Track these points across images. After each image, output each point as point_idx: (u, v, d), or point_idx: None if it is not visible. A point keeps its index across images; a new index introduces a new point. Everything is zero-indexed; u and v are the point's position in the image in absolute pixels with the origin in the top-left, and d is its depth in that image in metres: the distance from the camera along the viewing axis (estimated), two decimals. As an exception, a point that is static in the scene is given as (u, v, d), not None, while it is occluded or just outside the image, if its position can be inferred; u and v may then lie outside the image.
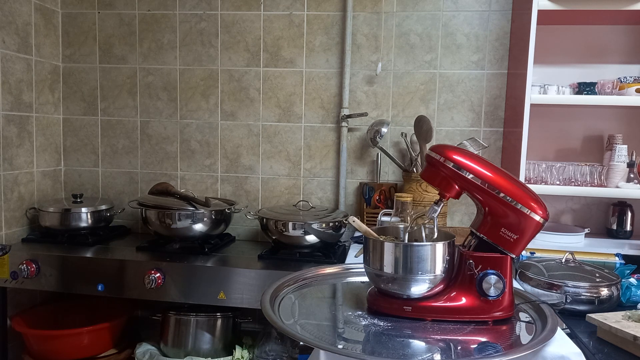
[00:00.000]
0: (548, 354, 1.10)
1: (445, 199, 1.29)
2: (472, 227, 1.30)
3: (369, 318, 1.25)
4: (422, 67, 2.32)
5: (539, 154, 2.22)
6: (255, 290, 1.89)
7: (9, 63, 2.18)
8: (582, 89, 2.00)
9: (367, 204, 2.29)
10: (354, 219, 1.37)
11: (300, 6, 2.36)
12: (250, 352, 2.08)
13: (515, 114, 2.08)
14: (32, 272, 2.01)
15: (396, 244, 1.25)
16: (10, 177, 2.22)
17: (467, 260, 1.24)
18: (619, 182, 1.98)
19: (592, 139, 2.23)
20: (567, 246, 1.87)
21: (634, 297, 1.50)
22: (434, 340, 1.15)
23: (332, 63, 2.36)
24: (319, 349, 1.07)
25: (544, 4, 1.89)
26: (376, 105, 2.36)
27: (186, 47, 2.44)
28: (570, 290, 1.43)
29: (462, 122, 2.31)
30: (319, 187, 2.42)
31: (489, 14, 2.25)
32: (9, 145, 2.20)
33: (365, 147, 2.37)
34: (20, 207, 2.29)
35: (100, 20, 2.49)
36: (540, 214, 1.21)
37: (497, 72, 2.27)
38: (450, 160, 1.24)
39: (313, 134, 2.41)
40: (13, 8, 2.20)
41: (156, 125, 2.49)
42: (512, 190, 1.22)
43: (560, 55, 2.20)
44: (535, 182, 2.03)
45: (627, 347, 1.21)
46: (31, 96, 2.33)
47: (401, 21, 2.31)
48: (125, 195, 2.53)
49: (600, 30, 2.18)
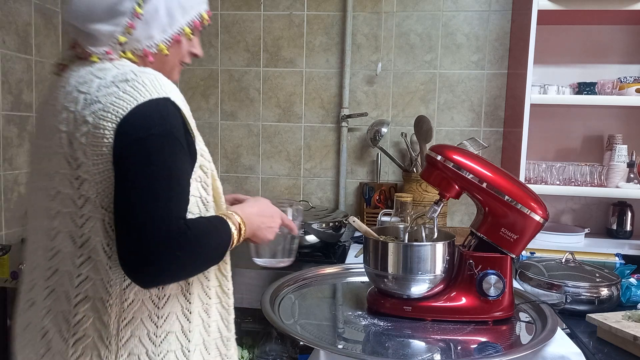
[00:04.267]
0: (548, 354, 1.10)
1: (445, 199, 1.29)
2: (472, 227, 1.30)
3: (369, 318, 1.25)
4: (422, 67, 2.32)
5: (539, 154, 2.22)
6: (255, 290, 1.89)
7: (9, 63, 2.18)
8: (582, 89, 2.00)
9: (367, 204, 2.29)
10: (354, 219, 1.37)
11: (300, 6, 2.36)
12: (250, 352, 2.08)
13: (515, 114, 2.08)
14: (32, 272, 2.01)
15: (396, 244, 1.25)
16: (10, 177, 2.22)
17: (467, 260, 1.24)
18: (619, 182, 1.98)
19: (592, 139, 2.23)
20: (567, 246, 1.87)
21: (634, 297, 1.50)
22: (434, 340, 1.15)
23: (332, 63, 2.36)
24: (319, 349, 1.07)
25: (544, 4, 1.89)
26: (376, 105, 2.36)
27: (186, 47, 2.43)
28: (570, 290, 1.43)
29: (462, 122, 2.31)
30: (319, 187, 2.42)
31: (489, 14, 2.25)
32: (9, 145, 2.20)
33: (365, 147, 2.38)
34: (20, 207, 2.29)
35: (100, 20, 2.48)
36: (540, 214, 1.21)
37: (497, 72, 2.27)
38: (450, 160, 1.24)
39: (313, 134, 2.41)
40: (13, 8, 2.20)
41: (156, 125, 2.49)
42: (512, 190, 1.22)
43: (560, 55, 2.20)
44: (535, 182, 2.03)
45: (627, 347, 1.21)
46: (31, 96, 2.33)
47: (401, 21, 2.31)
48: (125, 195, 2.53)
49: (600, 30, 2.18)
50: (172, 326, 0.90)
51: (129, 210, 0.80)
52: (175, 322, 0.91)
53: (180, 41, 0.96)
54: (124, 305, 0.86)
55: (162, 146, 0.81)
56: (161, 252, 0.79)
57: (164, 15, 0.91)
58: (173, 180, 0.83)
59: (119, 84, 0.83)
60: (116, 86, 0.83)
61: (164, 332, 0.89)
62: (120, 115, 0.81)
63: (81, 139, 0.83)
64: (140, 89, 0.83)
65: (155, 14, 0.90)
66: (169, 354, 0.89)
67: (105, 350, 0.86)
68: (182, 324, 0.92)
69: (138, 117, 0.81)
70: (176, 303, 0.91)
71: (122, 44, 0.90)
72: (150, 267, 0.79)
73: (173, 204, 0.82)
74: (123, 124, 0.81)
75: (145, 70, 0.87)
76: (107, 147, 0.82)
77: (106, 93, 0.83)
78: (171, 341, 0.90)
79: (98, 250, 0.85)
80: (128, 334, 0.87)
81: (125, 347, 0.87)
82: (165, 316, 0.89)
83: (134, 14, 0.88)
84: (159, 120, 0.82)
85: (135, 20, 0.89)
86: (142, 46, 0.92)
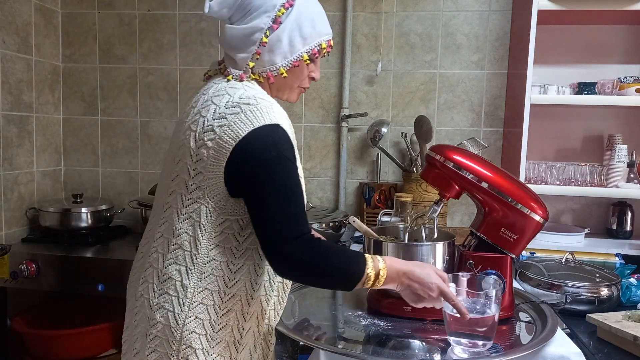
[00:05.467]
0: (548, 354, 1.10)
1: (445, 199, 1.29)
2: (472, 227, 1.31)
3: (369, 318, 1.25)
4: (422, 67, 2.32)
5: (539, 154, 2.22)
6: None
7: (9, 63, 2.18)
8: (582, 89, 2.00)
9: (367, 204, 2.29)
10: (354, 219, 1.37)
11: (300, 6, 2.35)
12: (250, 352, 2.08)
13: (515, 114, 2.08)
14: (32, 272, 2.01)
15: (396, 244, 1.25)
16: (10, 177, 2.22)
17: (467, 260, 1.24)
18: (619, 182, 1.98)
19: (592, 139, 2.23)
20: (567, 246, 1.87)
21: (634, 297, 1.50)
22: (434, 340, 1.15)
23: (332, 63, 2.36)
24: (319, 349, 1.07)
25: (544, 4, 1.89)
26: (376, 105, 2.36)
27: (186, 47, 2.44)
28: (570, 290, 1.43)
29: (462, 122, 2.32)
30: (319, 187, 2.43)
31: (489, 14, 2.25)
32: (9, 145, 2.20)
33: (365, 147, 2.38)
34: (20, 207, 2.29)
35: (100, 20, 2.49)
36: (540, 214, 1.21)
37: (497, 72, 2.27)
38: (450, 160, 1.24)
39: (313, 134, 2.41)
40: (13, 8, 2.20)
41: (156, 125, 2.49)
42: (512, 190, 1.22)
43: (560, 55, 2.20)
44: (535, 182, 2.03)
45: (627, 347, 1.21)
46: (31, 96, 2.33)
47: (401, 21, 2.31)
48: (125, 195, 2.53)
49: (600, 30, 2.18)
50: (235, 305, 1.07)
51: (266, 221, 1.01)
52: (238, 303, 1.08)
53: (299, 66, 1.13)
54: (202, 276, 1.05)
55: (283, 167, 1.02)
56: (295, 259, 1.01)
57: (286, 44, 1.10)
58: (295, 196, 1.03)
59: (242, 106, 1.03)
60: (240, 107, 1.03)
61: (226, 308, 1.07)
62: (240, 135, 1.01)
63: (208, 142, 1.03)
64: (257, 114, 1.02)
65: (278, 43, 1.09)
66: (226, 326, 1.07)
67: (179, 308, 1.04)
68: (243, 305, 1.09)
69: (254, 138, 1.01)
70: (242, 287, 1.08)
71: (251, 68, 1.10)
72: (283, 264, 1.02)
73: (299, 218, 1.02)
74: (241, 142, 1.01)
75: (264, 98, 1.06)
76: (224, 155, 1.01)
77: (232, 112, 1.03)
78: (231, 316, 1.07)
79: (195, 228, 1.05)
80: (198, 299, 1.04)
81: (194, 310, 1.04)
82: (231, 295, 1.07)
83: (261, 42, 1.08)
84: (272, 145, 1.02)
85: (262, 48, 1.09)
86: (265, 70, 1.11)
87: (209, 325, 1.05)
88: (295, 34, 1.10)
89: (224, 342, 1.07)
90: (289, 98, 1.19)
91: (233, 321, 1.08)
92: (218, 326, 1.06)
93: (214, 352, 1.06)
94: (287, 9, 1.08)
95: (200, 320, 1.04)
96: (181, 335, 1.03)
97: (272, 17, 1.07)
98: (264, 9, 1.07)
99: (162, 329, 1.05)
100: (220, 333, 1.06)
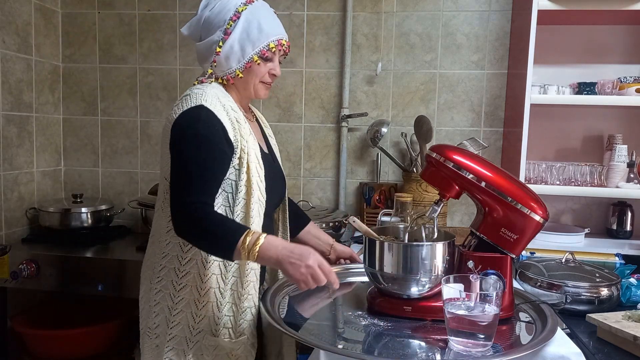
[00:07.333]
0: (548, 354, 1.09)
1: (445, 199, 1.29)
2: (472, 227, 1.30)
3: (369, 318, 1.25)
4: (422, 67, 2.32)
5: (539, 154, 2.22)
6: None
7: (9, 63, 2.19)
8: (582, 89, 2.00)
9: (367, 204, 2.29)
10: (354, 219, 1.37)
11: (300, 6, 2.36)
12: (250, 352, 2.08)
13: (515, 114, 2.08)
14: (32, 272, 2.01)
15: (396, 244, 1.25)
16: (10, 177, 2.22)
17: (467, 260, 1.24)
18: (619, 182, 1.98)
19: (592, 139, 2.23)
20: (567, 246, 1.87)
21: (634, 297, 1.50)
22: (434, 340, 1.15)
23: (332, 63, 2.36)
24: (319, 349, 1.07)
25: (544, 4, 1.89)
26: (376, 105, 2.36)
27: (186, 47, 2.44)
28: (570, 290, 1.43)
29: (462, 122, 2.32)
30: (319, 187, 2.43)
31: (489, 14, 2.25)
32: (9, 145, 2.20)
33: (365, 147, 2.38)
34: (20, 207, 2.29)
35: (100, 20, 2.49)
36: (540, 214, 1.21)
37: (497, 72, 2.27)
38: (450, 160, 1.24)
39: (313, 134, 2.41)
40: (13, 8, 2.20)
41: (156, 125, 2.49)
42: (512, 190, 1.22)
43: (560, 55, 2.20)
44: (535, 182, 2.03)
45: (627, 347, 1.21)
46: (31, 96, 2.33)
47: (401, 21, 2.31)
48: (125, 195, 2.53)
49: (600, 30, 2.18)
50: (192, 268, 1.27)
51: (172, 185, 1.22)
52: (195, 266, 1.27)
53: (251, 67, 1.31)
54: (163, 243, 1.29)
55: (195, 143, 1.20)
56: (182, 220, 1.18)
57: (237, 50, 1.30)
58: (201, 170, 1.19)
59: (183, 97, 1.28)
60: (182, 99, 1.28)
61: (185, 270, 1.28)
62: (174, 118, 1.24)
63: (164, 130, 1.28)
64: (189, 101, 1.25)
65: (231, 50, 1.30)
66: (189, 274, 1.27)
67: (175, 275, 1.29)
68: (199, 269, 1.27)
69: (181, 118, 1.23)
70: (194, 265, 1.27)
71: (210, 74, 1.35)
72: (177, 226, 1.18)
73: (199, 187, 1.19)
74: (174, 124, 1.24)
75: (201, 88, 1.29)
76: (167, 137, 1.25)
77: (176, 104, 1.28)
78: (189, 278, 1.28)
79: (164, 205, 1.28)
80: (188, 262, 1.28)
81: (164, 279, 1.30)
82: (188, 259, 1.27)
83: (216, 52, 1.30)
84: (192, 123, 1.21)
85: (217, 57, 1.31)
86: (225, 73, 1.33)
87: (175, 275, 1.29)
88: (245, 40, 1.29)
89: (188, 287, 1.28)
90: (257, 95, 1.37)
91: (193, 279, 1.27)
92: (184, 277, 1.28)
93: None
94: (234, 21, 1.29)
95: (168, 269, 1.30)
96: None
97: (223, 30, 1.29)
98: (217, 25, 1.30)
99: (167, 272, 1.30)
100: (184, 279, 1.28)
